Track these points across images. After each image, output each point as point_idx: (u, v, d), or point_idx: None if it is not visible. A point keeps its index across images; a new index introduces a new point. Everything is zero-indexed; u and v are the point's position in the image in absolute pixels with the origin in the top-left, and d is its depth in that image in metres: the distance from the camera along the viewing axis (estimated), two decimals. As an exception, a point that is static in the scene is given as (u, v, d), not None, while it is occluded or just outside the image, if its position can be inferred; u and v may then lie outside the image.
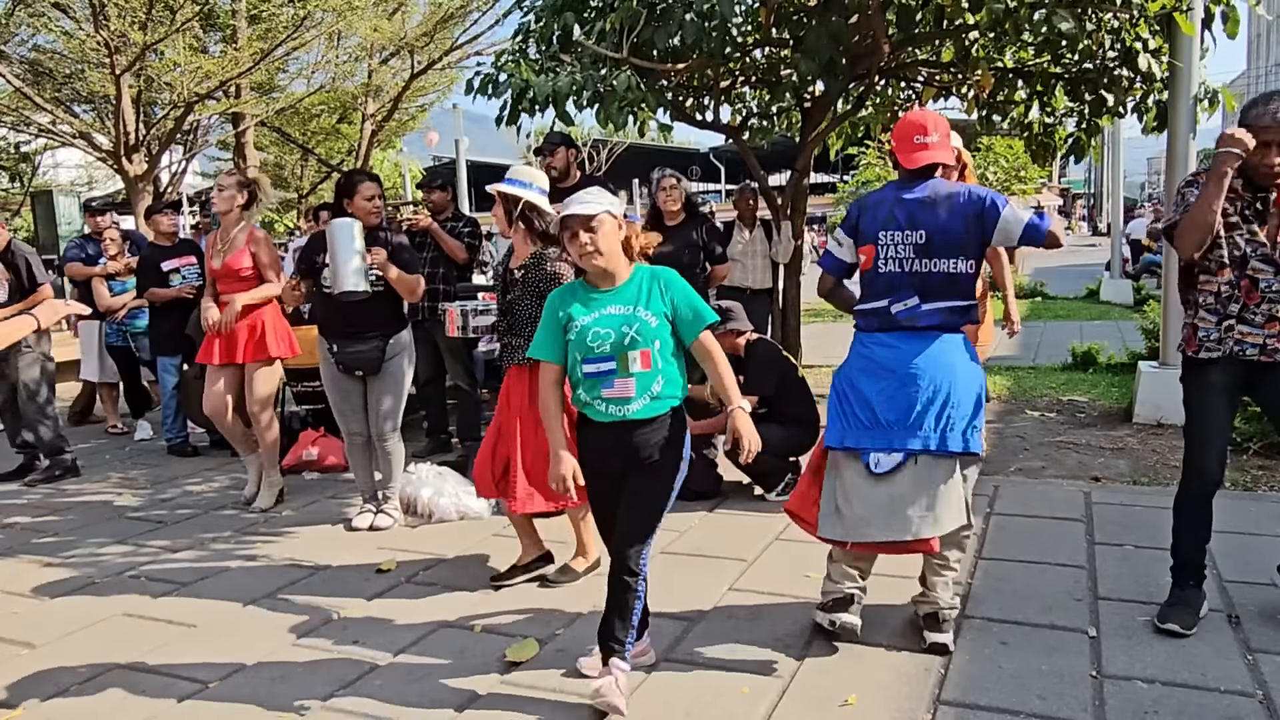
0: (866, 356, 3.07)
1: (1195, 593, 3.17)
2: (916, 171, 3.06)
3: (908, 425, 2.93)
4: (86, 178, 22.73)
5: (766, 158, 8.90)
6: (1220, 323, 3.07)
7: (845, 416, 3.05)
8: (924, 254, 2.97)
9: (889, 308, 3.01)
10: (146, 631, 3.46)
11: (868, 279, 3.08)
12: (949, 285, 2.98)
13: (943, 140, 3.05)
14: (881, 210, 3.04)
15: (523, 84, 4.92)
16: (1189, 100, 5.63)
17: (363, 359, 4.43)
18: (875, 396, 2.98)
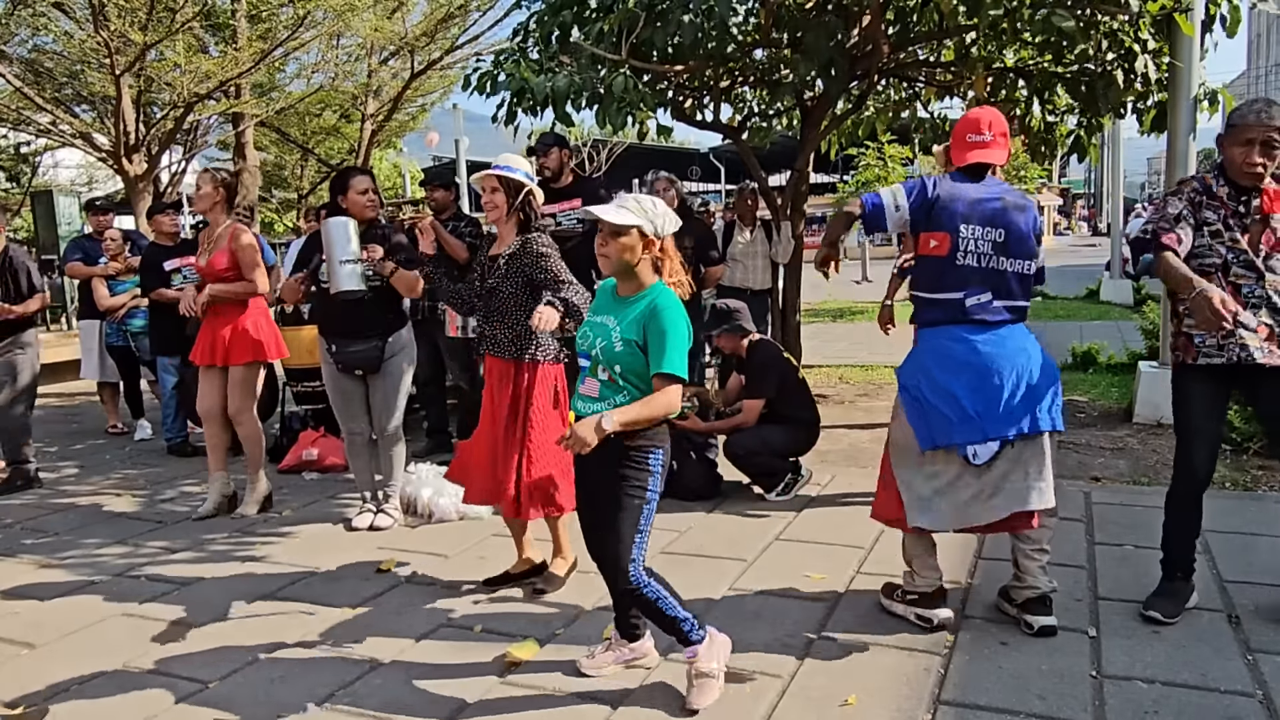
0: (939, 353, 3.07)
1: (1183, 585, 3.26)
2: (969, 169, 3.10)
3: (998, 414, 2.98)
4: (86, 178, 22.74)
5: (766, 158, 8.89)
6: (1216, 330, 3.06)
7: (929, 416, 3.05)
8: (1002, 252, 3.02)
9: (963, 300, 3.03)
10: (146, 631, 3.46)
11: (941, 268, 3.05)
12: (1019, 284, 3.06)
13: (996, 139, 3.09)
14: (963, 202, 3.03)
15: (521, 84, 4.92)
16: (1189, 100, 5.63)
17: (361, 358, 4.43)
18: (960, 391, 3.00)
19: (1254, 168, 2.98)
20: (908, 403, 3.11)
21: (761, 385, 4.80)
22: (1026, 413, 2.99)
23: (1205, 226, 3.10)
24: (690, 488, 4.81)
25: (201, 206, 4.81)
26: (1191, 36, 5.35)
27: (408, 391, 4.63)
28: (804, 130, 6.66)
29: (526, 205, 3.57)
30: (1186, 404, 3.19)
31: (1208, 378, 3.11)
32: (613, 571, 2.68)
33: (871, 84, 6.44)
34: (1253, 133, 2.97)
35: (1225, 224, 3.08)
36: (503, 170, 3.54)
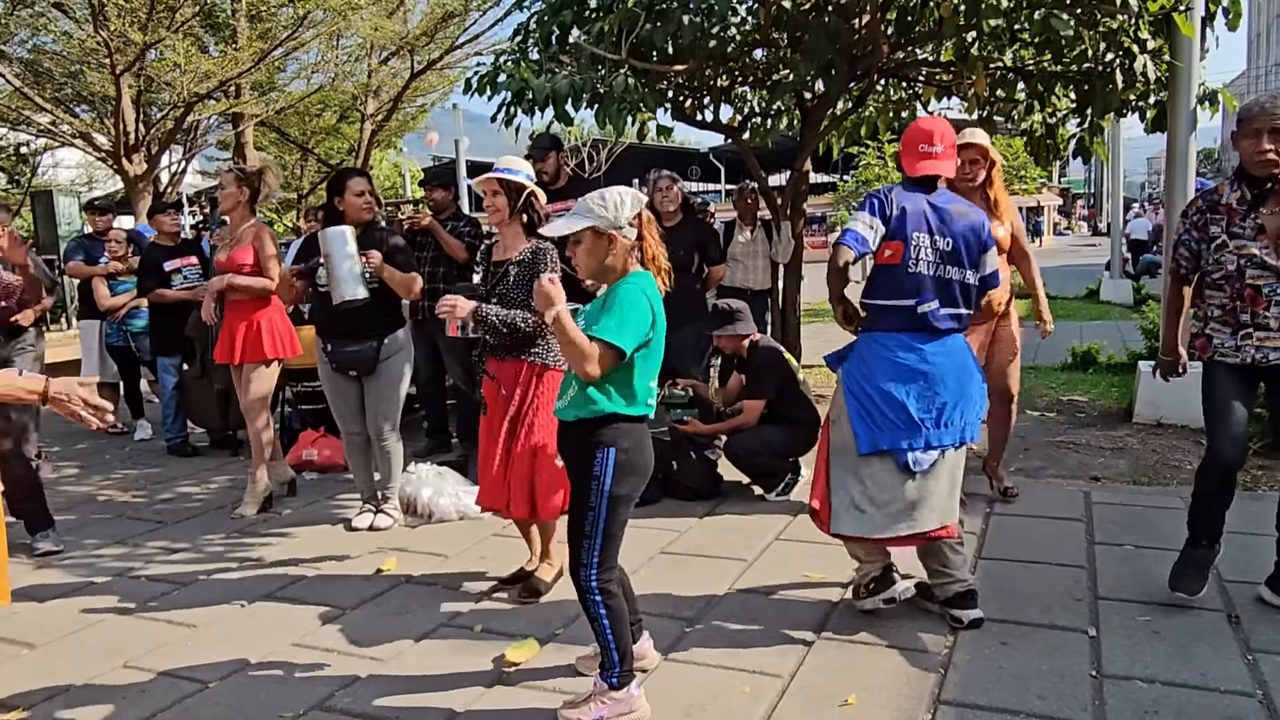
0: (888, 359, 3.12)
1: (1207, 552, 3.33)
2: (919, 180, 3.17)
3: (941, 423, 3.08)
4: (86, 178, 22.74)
5: (766, 158, 8.90)
6: (1236, 332, 3.19)
7: (873, 419, 3.09)
8: (949, 261, 3.10)
9: (915, 307, 3.09)
10: (146, 632, 3.46)
11: (894, 276, 3.10)
12: (963, 294, 3.15)
13: (947, 151, 3.15)
14: (915, 211, 3.09)
15: (522, 85, 4.92)
16: (1189, 100, 5.62)
17: (357, 359, 4.42)
18: (908, 398, 3.07)
19: (1264, 155, 3.05)
20: (853, 407, 3.14)
21: (762, 386, 4.80)
22: (960, 426, 3.11)
23: (1210, 243, 3.22)
24: (690, 488, 4.81)
25: (226, 205, 4.87)
26: (1190, 37, 5.35)
27: (405, 392, 4.62)
28: (804, 130, 6.66)
29: (529, 207, 3.56)
30: (1211, 391, 3.29)
31: (1227, 370, 3.22)
32: (575, 565, 2.65)
33: (871, 84, 6.44)
34: (1259, 122, 3.05)
35: (1230, 233, 3.17)
36: (503, 173, 3.52)
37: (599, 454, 2.59)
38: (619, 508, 2.62)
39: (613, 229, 2.59)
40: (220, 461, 6.18)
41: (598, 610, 2.62)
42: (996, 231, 4.13)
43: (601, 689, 2.67)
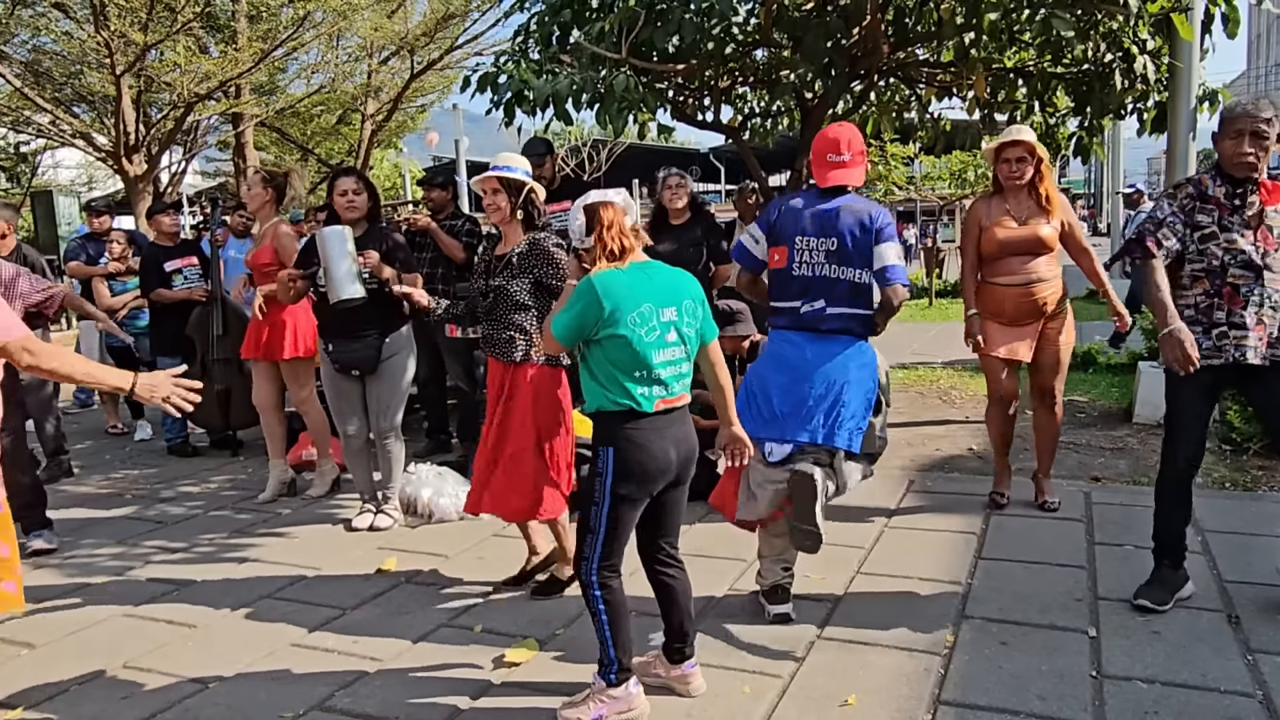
0: (774, 353, 3.30)
1: (1172, 574, 3.32)
2: (826, 190, 3.25)
3: (799, 418, 3.15)
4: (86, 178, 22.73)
5: (766, 158, 8.89)
6: (1210, 330, 3.15)
7: (750, 409, 3.23)
8: (834, 261, 3.19)
9: (799, 308, 3.24)
10: (146, 632, 3.46)
11: (781, 279, 3.28)
12: (854, 293, 3.21)
13: (854, 159, 3.25)
14: (799, 215, 3.24)
15: (521, 85, 4.92)
16: (1189, 101, 5.62)
17: (358, 358, 4.42)
18: (774, 390, 3.21)
19: (1244, 158, 3.06)
20: (740, 396, 3.23)
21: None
22: (825, 425, 3.12)
23: (1198, 230, 3.15)
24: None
25: (254, 206, 5.05)
26: (1190, 39, 5.34)
27: (407, 392, 4.62)
28: (804, 130, 6.65)
29: (529, 204, 3.55)
30: (1177, 398, 3.26)
31: (1202, 374, 3.13)
32: (575, 561, 2.73)
33: (871, 84, 6.43)
34: (1241, 124, 3.06)
35: (1221, 225, 3.12)
36: (502, 171, 3.51)
37: (601, 451, 2.64)
38: (619, 506, 2.62)
39: (580, 244, 2.70)
40: (220, 462, 6.18)
41: (597, 605, 2.65)
42: (1042, 229, 4.13)
43: (599, 687, 2.67)
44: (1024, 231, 4.16)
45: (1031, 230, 4.14)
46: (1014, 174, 4.15)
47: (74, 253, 7.07)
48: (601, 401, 2.64)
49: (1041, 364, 4.33)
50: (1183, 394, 3.23)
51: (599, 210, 2.66)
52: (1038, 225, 4.14)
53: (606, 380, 2.62)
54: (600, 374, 2.63)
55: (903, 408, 6.84)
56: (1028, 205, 4.18)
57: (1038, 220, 4.15)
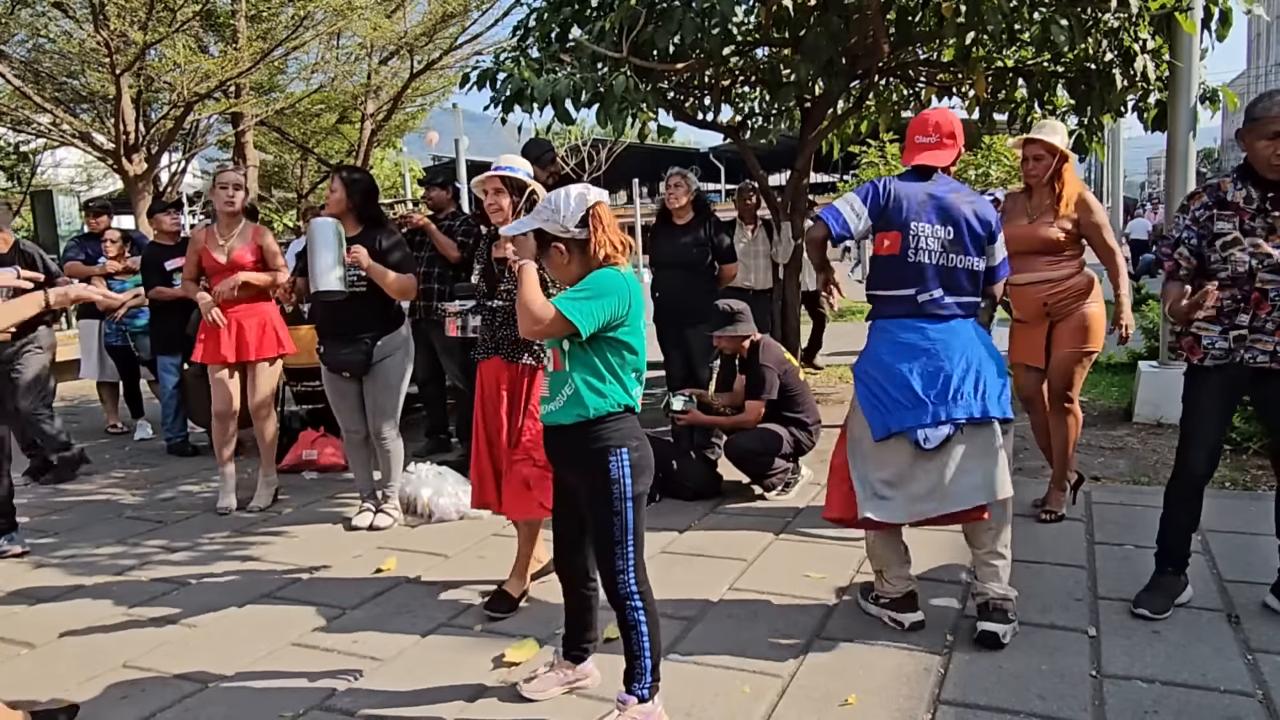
0: (893, 342, 3.11)
1: (1174, 580, 3.26)
2: (916, 169, 3.18)
3: (950, 398, 3.00)
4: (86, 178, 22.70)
5: (766, 157, 8.90)
6: (1227, 332, 3.06)
7: (883, 403, 3.07)
8: (952, 249, 3.08)
9: (915, 296, 3.09)
10: (146, 631, 3.46)
11: (894, 266, 3.11)
12: (970, 281, 3.12)
13: (942, 141, 3.17)
14: (913, 201, 3.09)
15: (521, 84, 4.92)
16: (1189, 100, 5.62)
17: (348, 360, 4.42)
18: (912, 375, 3.03)
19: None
20: (863, 394, 3.14)
21: (764, 386, 4.80)
22: (976, 398, 3.01)
23: (1219, 239, 3.04)
24: (690, 488, 4.81)
25: (237, 207, 4.91)
26: (1192, 35, 5.35)
27: (405, 392, 4.60)
28: (804, 130, 6.65)
29: (532, 204, 3.53)
30: (1193, 401, 3.18)
31: (1217, 376, 3.09)
32: (609, 578, 2.56)
33: (872, 83, 6.43)
34: (1277, 124, 2.88)
35: (1244, 230, 3.00)
36: (504, 171, 3.49)
37: (612, 457, 2.51)
38: (640, 507, 2.56)
39: (559, 229, 2.51)
40: (220, 461, 6.17)
41: (637, 618, 2.54)
42: (1044, 229, 4.04)
43: (629, 703, 2.55)
44: (1028, 230, 4.09)
45: (1035, 229, 4.08)
46: (1031, 171, 4.10)
47: (72, 253, 7.08)
48: (601, 404, 2.51)
49: (1051, 366, 4.22)
50: (1201, 395, 3.15)
51: (598, 208, 2.58)
52: (1043, 224, 4.06)
53: (611, 381, 2.54)
54: (607, 374, 2.53)
55: (903, 407, 6.84)
56: (1044, 203, 4.10)
57: (1046, 219, 4.07)
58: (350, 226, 4.38)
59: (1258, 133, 2.93)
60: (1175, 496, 3.27)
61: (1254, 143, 2.96)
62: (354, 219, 4.41)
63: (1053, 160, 4.06)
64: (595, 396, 2.52)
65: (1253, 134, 2.95)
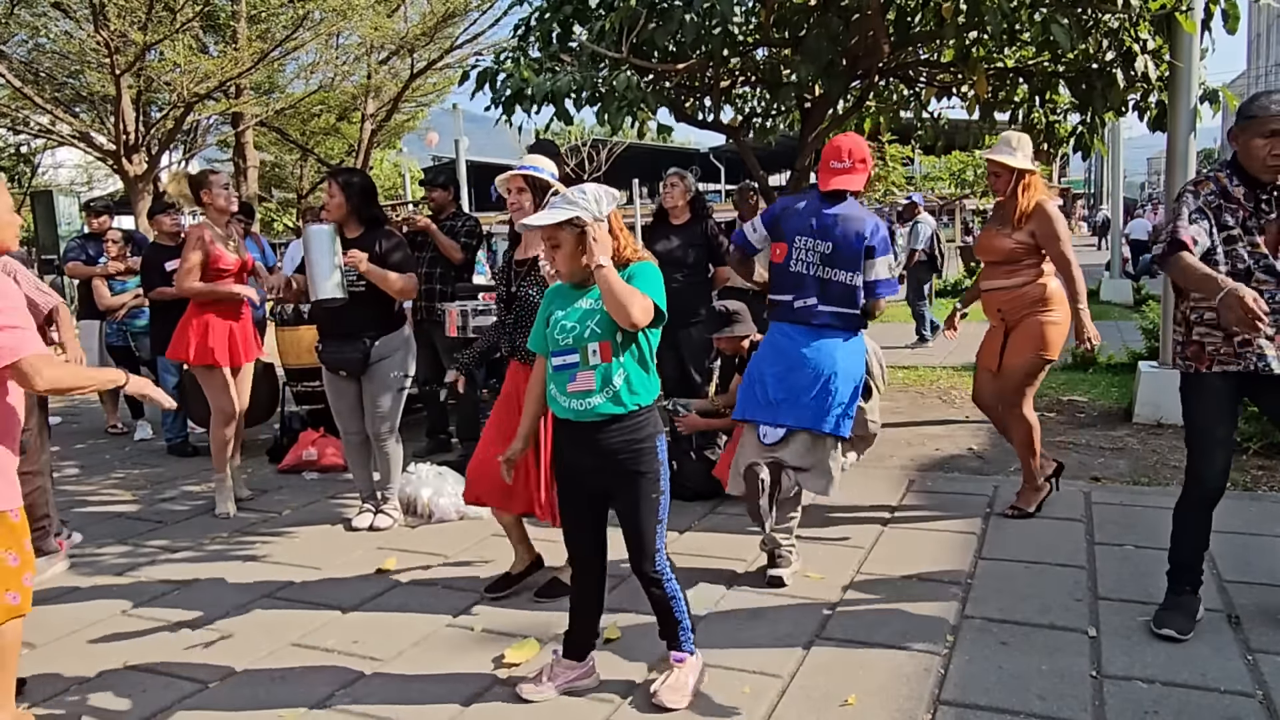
0: (770, 343, 3.62)
1: (1191, 599, 3.13)
2: (828, 194, 3.54)
3: (791, 404, 3.47)
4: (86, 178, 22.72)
5: (766, 158, 8.89)
6: (1231, 337, 2.95)
7: (748, 394, 3.61)
8: (829, 263, 3.47)
9: (793, 302, 3.53)
10: (146, 632, 3.46)
11: (779, 273, 3.59)
12: (844, 294, 3.49)
13: (855, 166, 3.53)
14: (801, 216, 3.52)
15: (521, 83, 4.92)
16: (1189, 100, 5.62)
17: (345, 360, 4.41)
18: (770, 378, 3.52)
19: (1278, 160, 2.86)
20: (743, 381, 3.68)
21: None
22: (810, 411, 3.46)
23: (1224, 231, 2.95)
24: (690, 488, 4.80)
25: (234, 207, 5.02)
26: (1192, 34, 5.35)
27: (404, 393, 4.59)
28: (804, 130, 6.65)
29: None
30: (1197, 411, 3.06)
31: (1221, 384, 2.99)
32: (646, 562, 2.71)
33: (872, 84, 6.43)
34: (1276, 123, 2.84)
35: (1244, 227, 2.94)
36: (529, 170, 3.43)
37: (659, 441, 2.72)
38: (669, 490, 2.78)
39: (595, 220, 2.59)
40: (220, 461, 6.17)
41: (674, 590, 2.75)
42: (999, 239, 4.21)
43: (683, 658, 2.80)
44: (988, 240, 4.32)
45: (993, 239, 4.28)
46: (993, 185, 4.31)
47: (73, 253, 7.07)
48: (647, 394, 2.70)
49: (1002, 372, 4.32)
50: (1205, 406, 3.04)
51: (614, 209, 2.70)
52: (1000, 235, 4.24)
53: (652, 371, 2.73)
54: (650, 363, 2.72)
55: (903, 408, 6.85)
56: (1008, 215, 4.24)
57: (1005, 230, 4.22)
58: (351, 229, 4.38)
59: (1254, 131, 2.89)
60: (1189, 512, 3.13)
61: (1249, 141, 2.91)
62: (355, 221, 4.40)
63: (1010, 177, 4.17)
64: (643, 386, 2.68)
65: (1248, 132, 2.91)
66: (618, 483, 2.70)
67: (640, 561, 2.72)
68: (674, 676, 2.79)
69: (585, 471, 2.74)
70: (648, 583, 2.75)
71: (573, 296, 2.73)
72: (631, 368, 2.65)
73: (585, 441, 2.67)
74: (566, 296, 2.75)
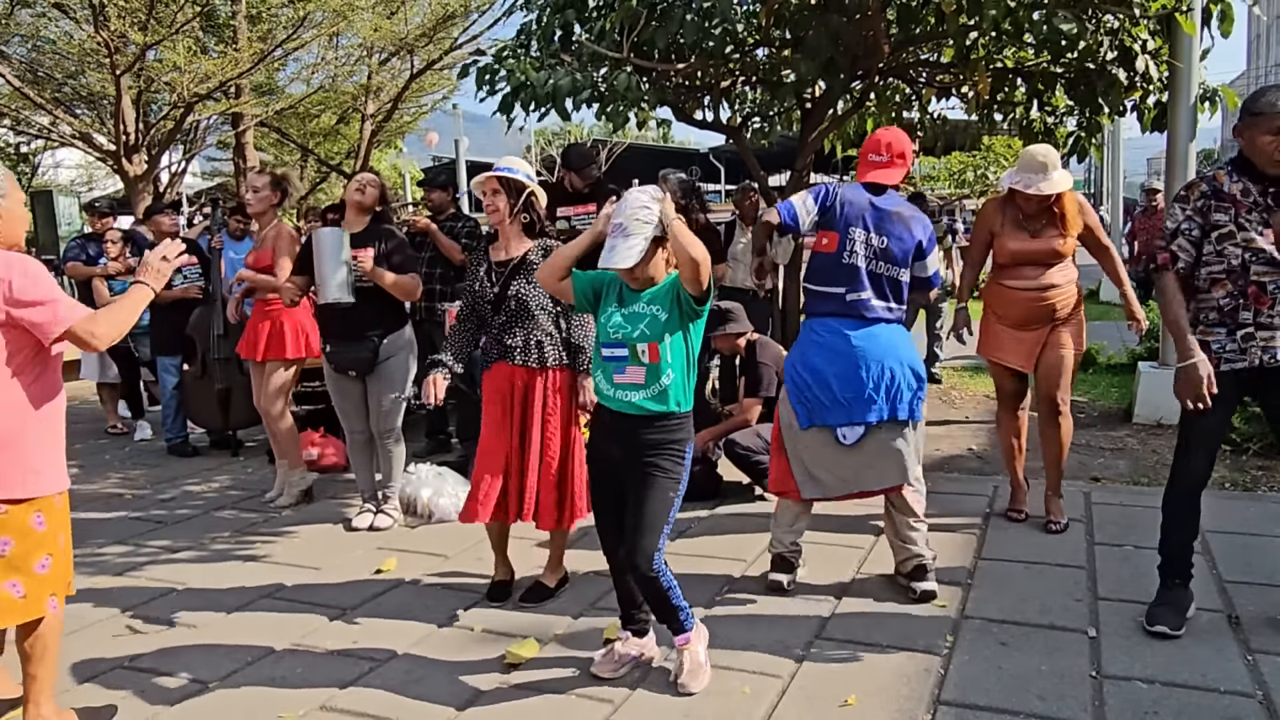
0: (818, 342, 3.46)
1: (1182, 592, 3.16)
2: (867, 185, 3.47)
3: (863, 401, 3.38)
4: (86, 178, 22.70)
5: (766, 158, 8.90)
6: (1234, 332, 2.98)
7: (807, 399, 3.45)
8: (881, 258, 3.39)
9: (845, 295, 3.40)
10: (147, 632, 3.46)
11: (828, 264, 3.43)
12: (895, 289, 3.44)
13: (893, 160, 3.48)
14: (855, 208, 3.41)
15: (521, 81, 4.92)
16: (1189, 101, 5.62)
17: (353, 360, 4.42)
18: (832, 378, 3.39)
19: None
20: (790, 387, 3.50)
21: (760, 384, 4.80)
22: (888, 402, 3.38)
23: (1215, 231, 2.98)
24: (690, 487, 4.79)
25: (259, 208, 4.92)
26: (1192, 35, 5.34)
27: (409, 393, 4.60)
28: (804, 130, 6.65)
29: (530, 207, 3.51)
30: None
31: (1223, 382, 2.98)
32: (644, 558, 2.73)
33: (872, 84, 6.43)
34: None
35: (1237, 224, 2.95)
36: (504, 172, 3.46)
37: (685, 449, 2.82)
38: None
39: (662, 231, 2.73)
40: (220, 461, 6.18)
41: (669, 583, 2.80)
42: (1057, 242, 3.99)
43: (686, 638, 2.86)
44: (1037, 245, 4.02)
45: (1046, 244, 4.01)
46: (1028, 204, 4.02)
47: (73, 253, 7.07)
48: (690, 399, 2.82)
49: (1046, 370, 4.13)
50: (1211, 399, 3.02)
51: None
52: (1053, 239, 4.00)
53: (692, 378, 2.83)
54: (693, 371, 2.83)
55: (903, 408, 6.84)
56: (1043, 219, 4.02)
57: (1053, 233, 4.00)
58: (355, 225, 4.40)
59: (1261, 128, 2.89)
60: (1178, 503, 3.17)
61: (1256, 138, 2.91)
62: (369, 218, 4.45)
63: (1049, 199, 3.99)
64: (685, 390, 2.80)
65: (1254, 129, 2.91)
66: (639, 475, 2.78)
67: (634, 557, 2.74)
68: (687, 660, 2.85)
69: (615, 462, 2.85)
70: (644, 582, 2.78)
71: (626, 296, 2.85)
72: (678, 370, 2.77)
73: (621, 432, 2.81)
74: (620, 293, 2.87)
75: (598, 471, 2.97)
